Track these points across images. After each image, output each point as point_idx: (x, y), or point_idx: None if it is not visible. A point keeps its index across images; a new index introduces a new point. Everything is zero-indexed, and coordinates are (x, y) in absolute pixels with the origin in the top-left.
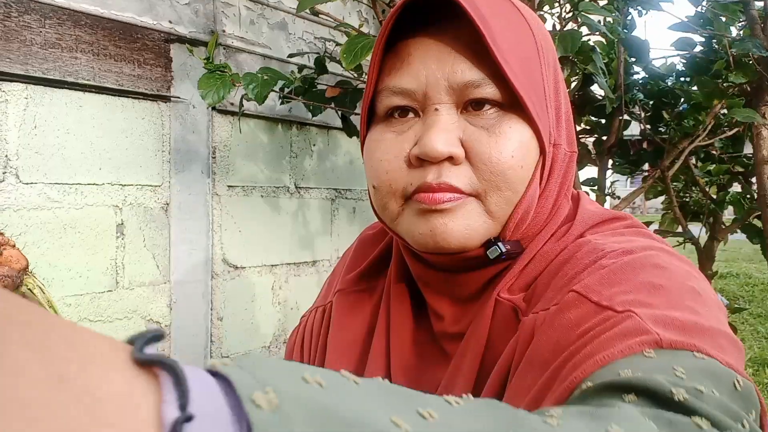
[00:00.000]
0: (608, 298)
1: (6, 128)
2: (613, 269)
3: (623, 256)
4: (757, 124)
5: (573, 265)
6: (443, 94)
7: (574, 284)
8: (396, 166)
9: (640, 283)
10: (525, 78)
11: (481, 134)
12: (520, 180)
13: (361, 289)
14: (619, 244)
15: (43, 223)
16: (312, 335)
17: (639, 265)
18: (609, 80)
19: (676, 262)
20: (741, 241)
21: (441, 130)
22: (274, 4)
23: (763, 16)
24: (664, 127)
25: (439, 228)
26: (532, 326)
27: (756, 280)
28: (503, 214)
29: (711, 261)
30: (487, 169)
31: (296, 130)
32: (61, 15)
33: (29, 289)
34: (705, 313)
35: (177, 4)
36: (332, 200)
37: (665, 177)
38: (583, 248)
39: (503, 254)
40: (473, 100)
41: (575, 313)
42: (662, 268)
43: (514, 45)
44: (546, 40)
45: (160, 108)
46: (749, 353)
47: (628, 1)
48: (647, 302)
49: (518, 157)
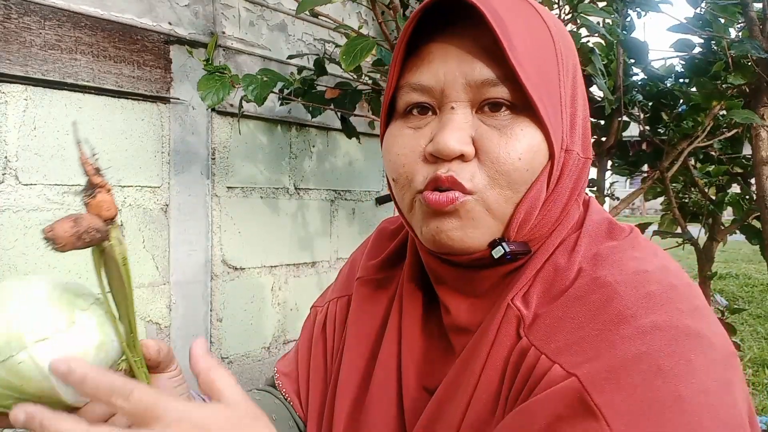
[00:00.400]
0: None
1: (6, 129)
2: (633, 368)
3: (648, 340)
4: (755, 125)
5: (587, 314)
6: (460, 91)
7: (581, 367)
8: (412, 160)
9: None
10: (540, 82)
11: (493, 134)
12: (523, 181)
13: (379, 278)
14: (637, 297)
15: (42, 224)
16: (336, 324)
17: (664, 367)
18: (608, 81)
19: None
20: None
21: (455, 128)
22: (274, 5)
23: (762, 17)
24: (663, 128)
25: (444, 227)
26: (538, 369)
27: (755, 280)
28: (503, 213)
29: (710, 262)
30: (493, 167)
31: (296, 131)
32: (60, 16)
33: (111, 245)
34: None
35: (177, 5)
36: (332, 201)
37: (664, 178)
38: (598, 293)
39: (508, 254)
40: (488, 100)
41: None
42: (682, 398)
43: (531, 48)
44: (567, 46)
45: (159, 109)
46: (749, 354)
47: (627, 2)
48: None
49: (525, 160)
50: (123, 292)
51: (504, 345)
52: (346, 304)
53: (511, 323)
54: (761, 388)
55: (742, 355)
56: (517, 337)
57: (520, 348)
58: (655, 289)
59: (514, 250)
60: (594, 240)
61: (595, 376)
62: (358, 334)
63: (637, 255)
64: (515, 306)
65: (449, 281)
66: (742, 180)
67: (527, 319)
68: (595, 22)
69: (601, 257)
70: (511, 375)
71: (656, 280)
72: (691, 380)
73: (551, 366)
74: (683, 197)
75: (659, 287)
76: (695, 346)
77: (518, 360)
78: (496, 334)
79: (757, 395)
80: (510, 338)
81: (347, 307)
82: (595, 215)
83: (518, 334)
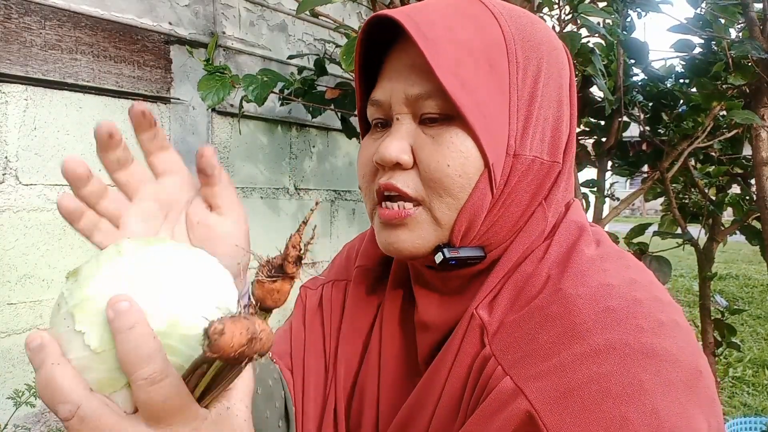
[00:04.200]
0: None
1: (6, 129)
2: (583, 389)
3: (600, 355)
4: (756, 125)
5: (543, 326)
6: (402, 105)
7: (532, 384)
8: (368, 170)
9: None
10: (473, 90)
11: (427, 143)
12: (458, 187)
13: (376, 271)
14: (595, 312)
15: (42, 225)
16: (332, 308)
17: (612, 390)
18: (608, 82)
19: (667, 335)
20: (740, 243)
21: (394, 138)
22: (274, 5)
23: (762, 18)
24: (664, 128)
25: (392, 239)
26: (493, 379)
27: (755, 281)
28: (449, 220)
29: (710, 262)
30: (427, 176)
31: (296, 131)
32: (61, 17)
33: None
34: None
35: (177, 5)
36: (332, 201)
37: (664, 178)
38: (556, 305)
39: (453, 260)
40: (425, 114)
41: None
42: (639, 385)
43: (466, 56)
44: (532, 46)
45: (159, 109)
46: (749, 354)
47: (627, 2)
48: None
49: (455, 166)
50: None
51: (468, 353)
52: (343, 288)
53: (474, 331)
54: (761, 389)
55: (742, 356)
56: (482, 345)
57: (483, 356)
58: (616, 305)
59: (458, 255)
60: (565, 248)
61: (546, 395)
62: (350, 333)
63: (607, 267)
64: (478, 315)
65: (424, 278)
66: (743, 180)
67: (491, 327)
68: (595, 22)
69: (568, 267)
70: (473, 383)
71: (619, 295)
72: (640, 402)
73: (503, 377)
74: (683, 198)
75: (620, 302)
76: (649, 366)
77: (480, 367)
78: (460, 343)
79: (757, 395)
80: (474, 346)
81: (344, 292)
82: (573, 221)
83: (482, 342)
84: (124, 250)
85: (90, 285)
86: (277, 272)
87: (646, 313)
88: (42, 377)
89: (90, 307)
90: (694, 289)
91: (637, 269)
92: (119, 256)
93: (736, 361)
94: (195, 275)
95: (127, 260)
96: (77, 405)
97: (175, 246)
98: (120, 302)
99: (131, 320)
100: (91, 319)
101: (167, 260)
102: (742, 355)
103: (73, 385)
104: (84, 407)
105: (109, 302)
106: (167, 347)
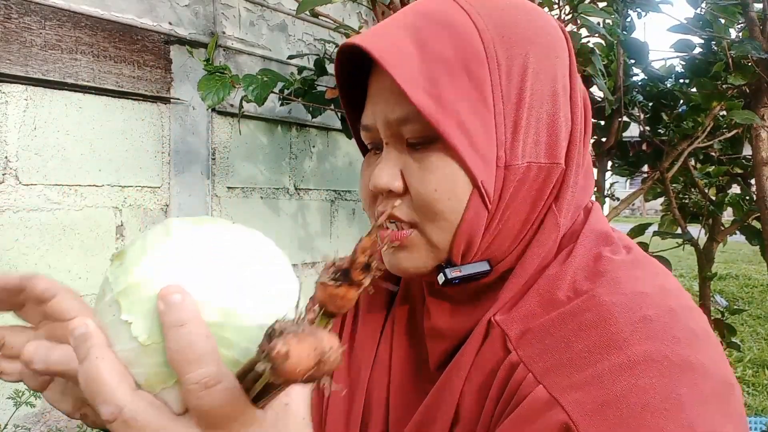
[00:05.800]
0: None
1: (6, 129)
2: (621, 402)
3: (642, 367)
4: (756, 125)
5: (578, 333)
6: (387, 129)
7: (568, 394)
8: (367, 195)
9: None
10: (452, 107)
11: (414, 168)
12: (450, 210)
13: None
14: (632, 322)
15: (42, 225)
16: (347, 313)
17: (651, 403)
18: (608, 82)
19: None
20: (740, 243)
21: (384, 165)
22: (274, 5)
23: (762, 18)
24: (664, 128)
25: (393, 261)
26: (524, 387)
27: (755, 281)
28: (444, 242)
29: (710, 262)
30: (417, 202)
31: (296, 131)
32: (61, 16)
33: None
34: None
35: (177, 5)
36: (332, 202)
37: (664, 178)
38: (591, 312)
39: (456, 279)
40: (408, 138)
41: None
42: (680, 406)
43: (441, 71)
44: (512, 42)
45: (159, 109)
46: (749, 354)
47: (627, 2)
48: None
49: (442, 190)
50: None
51: (488, 359)
52: None
53: (494, 338)
54: (761, 389)
55: (742, 356)
56: (505, 352)
57: (509, 363)
58: (652, 314)
59: (460, 275)
60: (592, 253)
61: (583, 407)
62: (363, 338)
63: (638, 274)
64: (496, 322)
65: (435, 287)
66: (743, 180)
67: (513, 333)
68: (595, 22)
69: (599, 273)
70: (498, 389)
71: (654, 304)
72: (678, 416)
73: (536, 386)
74: (683, 198)
75: (656, 311)
76: (687, 379)
77: (507, 374)
78: (478, 350)
79: (757, 395)
80: (496, 353)
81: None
82: (596, 225)
83: (506, 349)
84: (172, 231)
85: (137, 269)
86: (343, 277)
87: (681, 324)
88: (85, 371)
89: (137, 295)
90: (694, 289)
91: (665, 276)
92: (168, 237)
93: (736, 361)
94: (251, 259)
95: (176, 242)
96: (121, 408)
97: (228, 226)
98: (172, 294)
99: (184, 316)
100: (138, 308)
101: (220, 242)
102: (742, 355)
103: (118, 384)
104: (128, 409)
105: (160, 294)
106: (221, 340)
